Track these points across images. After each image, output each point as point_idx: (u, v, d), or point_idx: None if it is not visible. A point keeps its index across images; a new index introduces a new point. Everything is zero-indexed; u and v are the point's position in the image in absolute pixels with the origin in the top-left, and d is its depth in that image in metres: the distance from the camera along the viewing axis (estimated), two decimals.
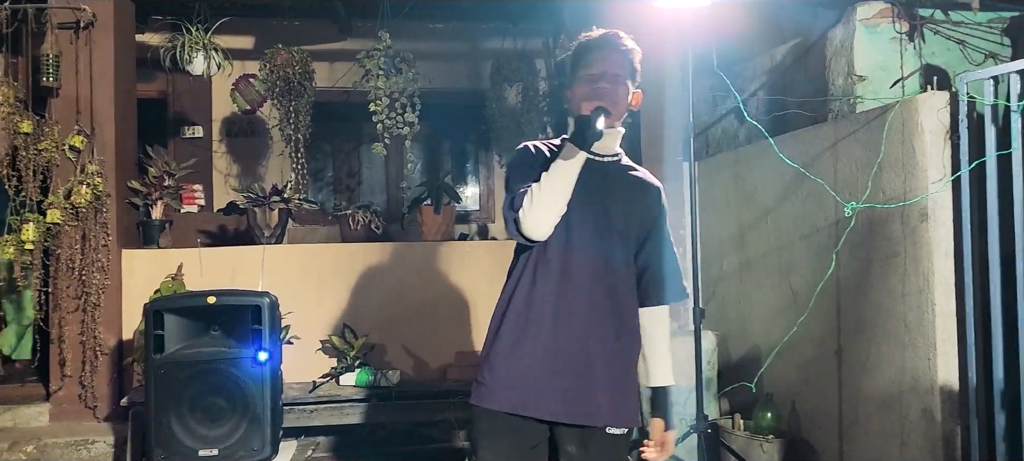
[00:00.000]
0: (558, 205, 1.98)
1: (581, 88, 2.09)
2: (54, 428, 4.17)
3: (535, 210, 1.97)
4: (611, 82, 2.08)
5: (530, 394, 2.03)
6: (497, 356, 2.06)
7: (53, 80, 4.22)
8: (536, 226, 1.97)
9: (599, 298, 2.06)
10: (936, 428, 3.02)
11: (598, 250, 2.07)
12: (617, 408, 2.08)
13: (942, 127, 3.03)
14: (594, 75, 2.09)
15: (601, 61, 2.10)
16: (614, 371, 2.07)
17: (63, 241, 4.16)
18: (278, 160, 6.07)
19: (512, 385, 2.04)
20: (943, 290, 3.01)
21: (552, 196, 1.97)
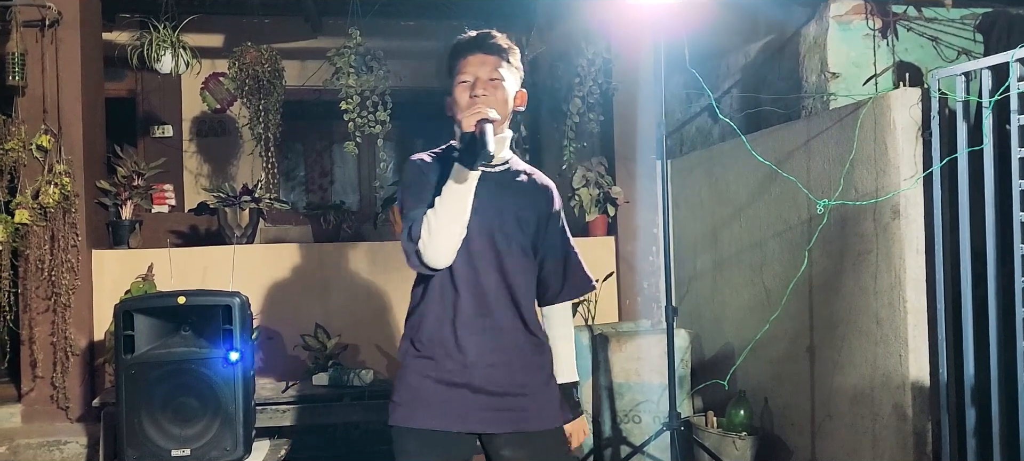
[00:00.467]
0: (456, 230, 1.95)
1: (458, 96, 2.04)
2: (26, 429, 4.13)
3: (434, 240, 1.93)
4: (487, 89, 2.01)
5: (453, 409, 2.01)
6: (414, 375, 2.04)
7: (19, 79, 4.14)
8: (437, 257, 1.94)
9: (503, 308, 2.04)
10: (907, 424, 3.05)
11: (498, 260, 2.04)
12: (541, 409, 2.08)
13: (914, 124, 3.05)
14: (467, 82, 2.03)
15: (474, 66, 2.04)
16: (531, 374, 2.07)
17: (32, 241, 4.12)
18: (249, 159, 6.02)
19: (432, 402, 2.01)
20: (914, 287, 3.04)
21: (450, 223, 1.93)
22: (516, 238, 2.06)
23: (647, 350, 3.90)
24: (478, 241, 2.01)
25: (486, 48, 2.06)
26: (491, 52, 2.05)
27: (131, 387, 3.04)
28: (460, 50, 2.07)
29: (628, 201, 4.69)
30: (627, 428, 3.94)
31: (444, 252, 1.94)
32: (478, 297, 2.03)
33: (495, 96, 2.02)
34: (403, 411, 2.03)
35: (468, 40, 2.08)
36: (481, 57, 2.04)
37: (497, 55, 2.06)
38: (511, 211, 2.06)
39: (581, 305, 4.45)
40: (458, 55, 2.07)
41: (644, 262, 4.69)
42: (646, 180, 4.69)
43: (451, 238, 1.94)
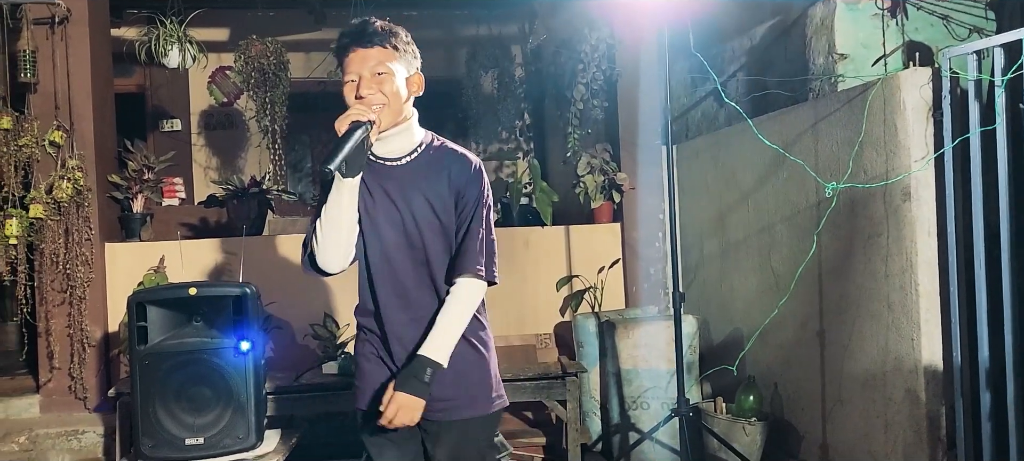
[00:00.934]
0: (342, 238, 1.94)
1: (346, 96, 1.95)
2: (45, 419, 4.22)
3: (321, 251, 1.94)
4: (372, 86, 1.91)
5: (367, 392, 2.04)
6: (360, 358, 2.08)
7: (31, 76, 4.21)
8: (327, 264, 1.96)
9: (424, 300, 2.00)
10: (920, 408, 3.03)
11: (413, 256, 1.99)
12: (473, 401, 2.02)
13: (925, 104, 3.02)
14: (353, 82, 1.93)
15: (356, 63, 1.93)
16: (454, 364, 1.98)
17: (47, 235, 4.19)
18: (256, 152, 6.05)
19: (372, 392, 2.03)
20: (927, 270, 3.01)
21: (333, 232, 1.93)
22: (429, 222, 1.98)
23: (654, 336, 3.90)
24: (390, 234, 1.98)
25: (365, 40, 1.94)
26: (372, 43, 1.93)
27: (145, 377, 3.07)
28: (341, 47, 1.96)
29: (634, 187, 4.68)
30: (635, 414, 3.94)
31: (334, 259, 1.96)
32: (397, 291, 1.99)
33: (384, 90, 1.93)
34: (357, 394, 2.08)
35: (347, 34, 1.96)
36: (362, 53, 1.93)
37: (380, 45, 1.94)
38: (420, 196, 1.98)
39: (587, 292, 4.45)
40: (340, 53, 1.97)
41: (650, 248, 4.68)
42: (651, 166, 4.67)
43: (337, 247, 1.94)
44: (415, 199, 1.98)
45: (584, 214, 4.81)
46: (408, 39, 2.02)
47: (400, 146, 2.01)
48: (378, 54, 1.94)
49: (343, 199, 1.91)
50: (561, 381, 3.74)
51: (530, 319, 4.63)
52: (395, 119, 1.96)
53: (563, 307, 4.65)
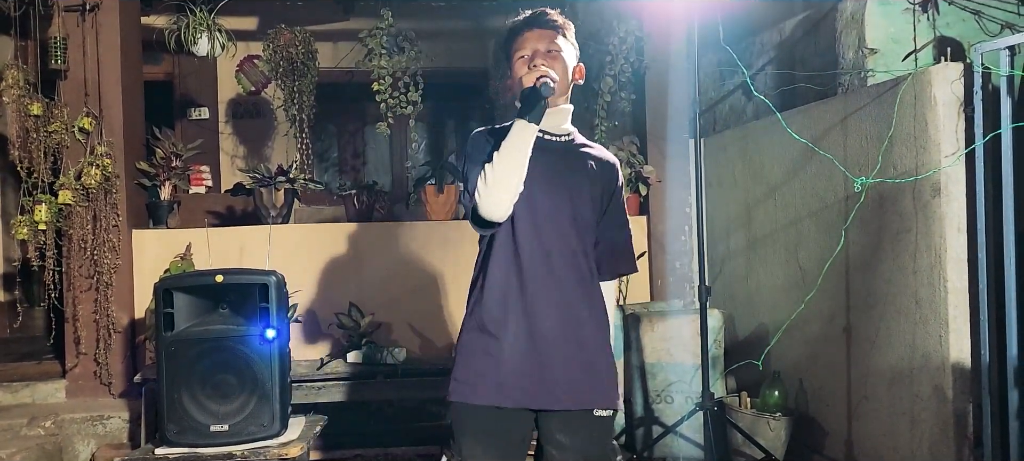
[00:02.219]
0: (514, 182, 1.94)
1: (517, 70, 2.06)
2: (71, 404, 4.26)
3: (490, 191, 1.93)
4: (546, 60, 2.03)
5: (513, 386, 1.98)
6: (474, 350, 2.03)
7: (61, 63, 4.25)
8: (494, 207, 1.94)
9: (570, 282, 2.03)
10: (947, 406, 3.00)
11: (564, 233, 2.03)
12: (600, 388, 2.05)
13: (956, 99, 2.98)
14: (526, 57, 2.05)
15: (532, 42, 2.06)
16: (591, 352, 2.03)
17: (75, 221, 4.23)
18: (283, 141, 6.08)
19: (493, 379, 1.99)
20: (955, 266, 2.98)
21: (506, 173, 1.93)
22: (580, 209, 2.05)
23: (679, 330, 3.88)
24: (544, 211, 2.01)
25: (542, 24, 2.07)
26: (547, 27, 2.07)
27: (171, 363, 3.08)
28: (516, 29, 2.09)
29: (660, 180, 4.65)
30: (659, 408, 3.93)
31: (502, 204, 1.94)
32: (542, 269, 2.00)
33: (555, 66, 2.02)
34: (463, 388, 2.02)
35: (524, 19, 2.09)
36: (538, 32, 2.06)
37: (553, 30, 2.08)
38: (575, 183, 2.06)
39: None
40: (515, 34, 2.09)
41: (676, 242, 4.65)
42: (678, 159, 4.65)
43: (507, 190, 1.93)
44: (573, 177, 2.06)
45: None
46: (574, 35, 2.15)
47: (559, 124, 2.10)
48: (552, 36, 2.07)
49: (524, 141, 1.94)
50: None
51: None
52: (560, 97, 2.07)
53: None
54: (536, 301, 2.00)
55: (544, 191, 2.00)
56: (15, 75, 4.12)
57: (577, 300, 2.03)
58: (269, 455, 3.02)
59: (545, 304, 2.00)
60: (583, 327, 2.04)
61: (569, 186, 2.04)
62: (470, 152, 2.06)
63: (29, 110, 4.14)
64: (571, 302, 2.02)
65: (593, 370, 2.03)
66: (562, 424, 2.02)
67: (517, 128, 1.95)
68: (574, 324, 2.02)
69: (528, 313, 1.99)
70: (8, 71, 4.16)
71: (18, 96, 4.13)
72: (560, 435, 2.02)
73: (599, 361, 2.05)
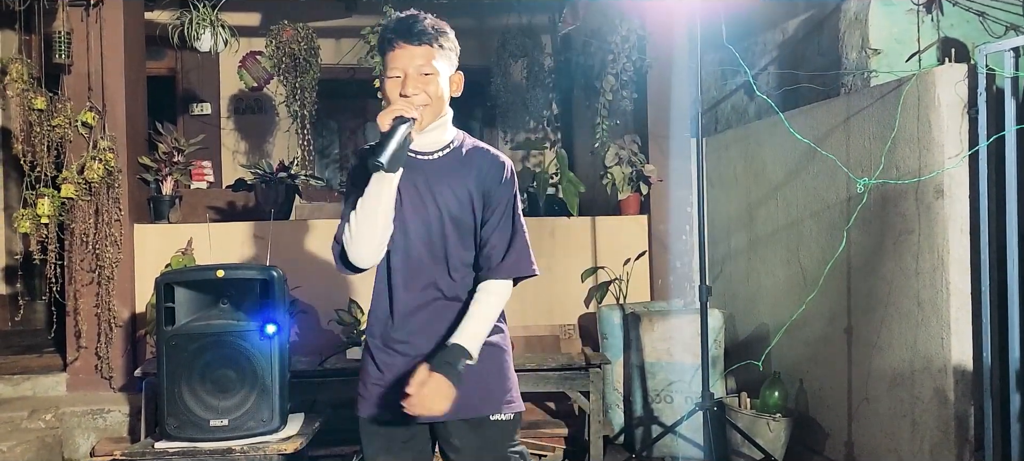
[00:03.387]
0: (377, 234, 1.92)
1: (388, 91, 1.94)
2: (71, 397, 4.28)
3: (355, 243, 1.92)
4: (418, 85, 1.91)
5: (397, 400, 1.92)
6: (368, 368, 2.07)
7: (65, 57, 4.26)
8: (361, 259, 1.94)
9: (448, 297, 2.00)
10: (949, 408, 2.99)
11: (438, 250, 1.99)
12: (489, 396, 2.01)
13: (960, 101, 2.97)
14: (398, 77, 1.92)
15: (403, 59, 1.91)
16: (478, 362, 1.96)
17: (77, 215, 4.25)
18: (285, 137, 6.09)
19: (382, 398, 2.01)
20: (958, 268, 2.97)
21: (369, 228, 1.90)
22: (453, 217, 1.99)
23: (679, 330, 3.88)
24: (415, 227, 1.98)
25: (413, 37, 1.91)
26: (420, 41, 1.91)
27: (171, 358, 3.08)
28: (388, 39, 1.94)
29: (661, 179, 4.65)
30: (659, 408, 3.92)
31: (367, 256, 1.94)
32: (419, 287, 1.99)
33: (428, 91, 1.92)
34: (361, 403, 2.07)
35: (394, 29, 1.93)
36: (409, 50, 1.91)
37: (428, 44, 1.92)
38: (448, 190, 1.98)
39: (613, 284, 4.43)
40: (385, 46, 1.94)
41: (677, 241, 4.65)
42: (680, 158, 4.64)
43: (372, 241, 1.92)
44: (443, 193, 1.98)
45: (611, 205, 4.79)
46: (453, 37, 2.01)
47: (434, 141, 2.01)
48: (425, 53, 1.92)
49: (383, 193, 1.89)
50: (584, 372, 3.74)
51: (554, 310, 4.63)
52: (435, 117, 1.97)
53: (588, 298, 4.64)
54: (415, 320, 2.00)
55: (415, 213, 1.97)
56: (19, 69, 4.15)
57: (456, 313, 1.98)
58: (268, 450, 3.02)
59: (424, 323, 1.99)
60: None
61: (440, 203, 1.98)
62: (346, 185, 2.03)
63: (33, 104, 4.16)
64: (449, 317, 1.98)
65: (478, 380, 1.96)
66: (454, 430, 2.02)
67: (375, 183, 1.89)
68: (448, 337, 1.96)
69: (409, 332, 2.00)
70: (12, 65, 4.17)
71: (22, 90, 4.16)
72: (454, 440, 2.03)
73: (484, 370, 1.98)
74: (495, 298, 1.99)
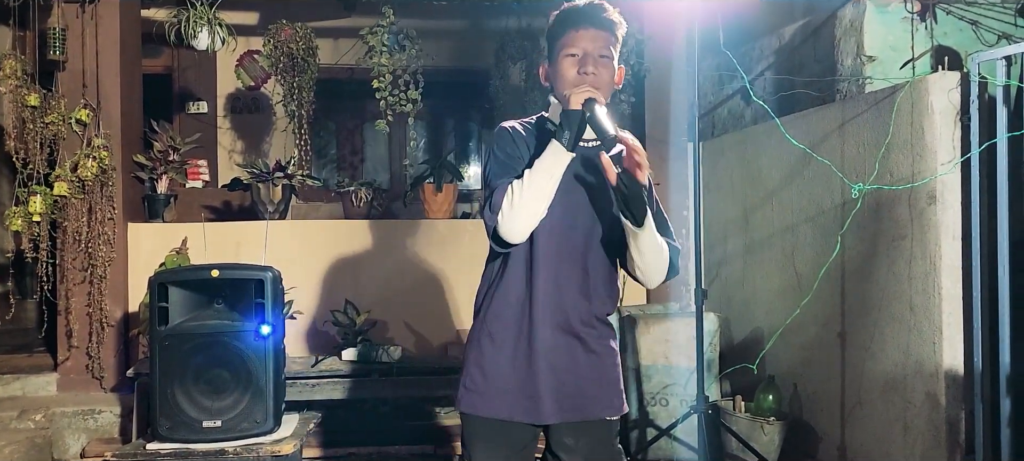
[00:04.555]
0: (540, 209, 1.86)
1: (564, 69, 1.93)
2: (62, 397, 4.24)
3: (515, 215, 1.83)
4: (597, 67, 1.91)
5: (524, 399, 1.95)
6: (486, 360, 1.98)
7: (60, 54, 4.24)
8: (514, 232, 1.85)
9: (581, 291, 1.97)
10: (940, 412, 3.01)
11: (580, 241, 1.96)
12: (606, 396, 2.02)
13: (953, 108, 2.99)
14: (576, 56, 1.92)
15: (585, 40, 1.92)
16: (599, 360, 2.00)
17: (70, 214, 4.21)
18: (282, 136, 6.08)
19: (504, 391, 1.96)
20: (950, 273, 2.99)
21: (534, 201, 1.84)
22: (602, 213, 1.97)
23: (675, 333, 3.89)
24: (562, 220, 1.93)
25: (600, 22, 1.93)
26: (604, 27, 1.93)
27: (165, 358, 3.07)
28: (572, 19, 1.94)
29: (658, 183, 4.62)
30: (654, 411, 3.93)
31: (522, 228, 1.85)
32: (556, 278, 1.95)
33: (602, 76, 1.92)
34: (474, 399, 1.99)
35: (581, 10, 1.94)
36: (594, 32, 1.92)
37: (609, 31, 1.94)
38: (600, 188, 1.95)
39: None
40: (569, 24, 1.94)
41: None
42: (677, 162, 4.65)
43: (532, 216, 1.85)
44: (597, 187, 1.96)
45: None
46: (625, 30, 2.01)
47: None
48: (606, 38, 1.93)
49: (557, 168, 1.84)
50: None
51: None
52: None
53: None
54: (547, 313, 1.95)
55: (562, 200, 1.90)
56: (13, 65, 4.11)
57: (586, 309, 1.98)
58: (262, 452, 3.01)
59: (555, 315, 1.95)
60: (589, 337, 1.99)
61: (591, 193, 1.96)
62: (497, 154, 1.95)
63: (26, 101, 4.12)
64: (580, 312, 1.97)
65: (598, 379, 2.00)
66: (569, 430, 2.00)
67: (552, 153, 1.84)
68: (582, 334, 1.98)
69: (540, 325, 1.94)
70: (6, 61, 4.14)
71: (15, 86, 4.12)
72: (567, 439, 2.00)
73: (604, 368, 2.01)
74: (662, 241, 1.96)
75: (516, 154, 1.94)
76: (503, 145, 1.97)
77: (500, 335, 1.98)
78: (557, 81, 1.96)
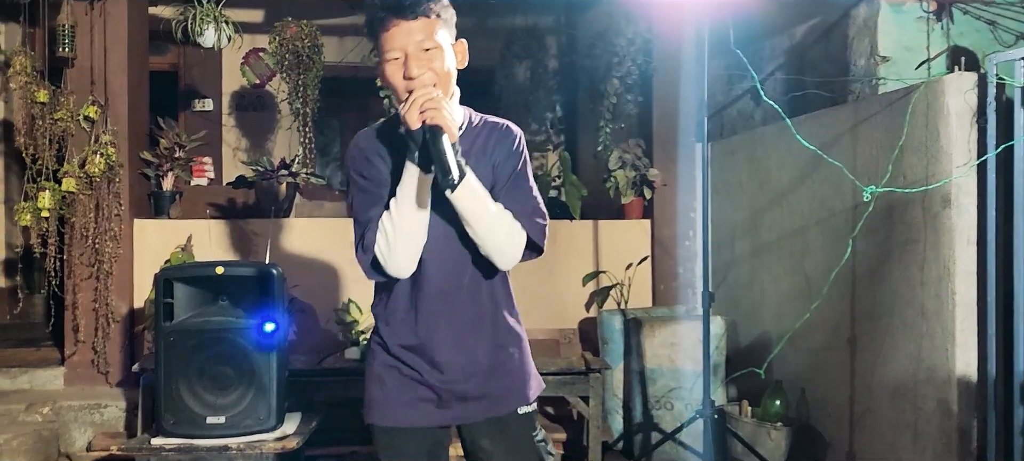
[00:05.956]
0: (419, 234, 1.75)
1: (390, 75, 1.75)
2: (68, 391, 4.26)
3: (395, 253, 1.73)
4: (421, 63, 1.71)
5: (428, 406, 1.86)
6: (382, 369, 1.89)
7: (69, 51, 4.25)
8: (400, 267, 1.76)
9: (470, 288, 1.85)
10: (952, 420, 2.96)
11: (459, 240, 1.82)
12: (515, 388, 1.91)
13: (969, 110, 2.95)
14: (397, 59, 1.73)
15: (400, 36, 1.71)
16: (500, 354, 1.89)
17: (77, 210, 4.23)
18: (286, 134, 6.08)
19: (405, 400, 1.87)
20: (964, 278, 2.95)
21: (410, 230, 1.73)
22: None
23: (682, 336, 3.86)
24: (436, 224, 1.81)
25: (408, 11, 1.71)
26: (415, 14, 1.71)
27: (170, 354, 3.08)
28: (378, 21, 1.73)
29: (666, 184, 4.62)
30: (659, 414, 3.90)
31: (406, 262, 1.76)
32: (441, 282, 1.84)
33: (434, 67, 1.73)
34: (375, 409, 1.89)
35: (383, 5, 1.72)
36: (405, 26, 1.71)
37: (424, 16, 1.72)
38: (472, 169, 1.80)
39: (614, 288, 4.41)
40: (377, 27, 1.74)
41: (680, 246, 4.62)
42: (684, 163, 4.62)
43: (414, 245, 1.76)
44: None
45: (613, 209, 4.77)
46: (448, 2, 1.80)
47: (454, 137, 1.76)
48: (423, 26, 1.72)
49: (422, 192, 1.73)
50: (584, 377, 3.71)
51: (555, 313, 4.60)
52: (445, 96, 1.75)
53: (589, 302, 4.61)
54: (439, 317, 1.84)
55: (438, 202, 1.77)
56: (22, 62, 4.14)
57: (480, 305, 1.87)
58: (265, 448, 3.01)
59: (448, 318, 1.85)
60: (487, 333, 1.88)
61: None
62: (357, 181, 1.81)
63: (35, 97, 4.15)
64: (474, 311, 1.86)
65: (501, 372, 1.89)
66: (483, 431, 1.91)
67: (409, 176, 1.71)
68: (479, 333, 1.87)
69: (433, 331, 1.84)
70: (16, 58, 4.16)
71: (25, 83, 4.15)
72: (483, 441, 1.91)
73: (506, 361, 1.90)
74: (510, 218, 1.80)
75: (375, 175, 1.80)
76: (358, 169, 1.83)
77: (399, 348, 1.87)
78: (390, 86, 1.77)
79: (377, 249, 1.75)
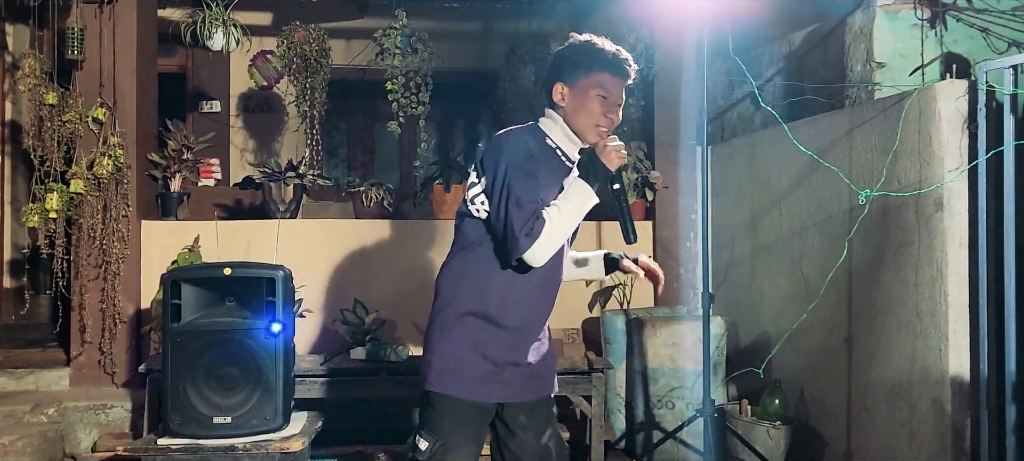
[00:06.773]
0: (563, 241, 2.12)
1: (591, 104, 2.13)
2: (74, 392, 4.27)
3: (549, 248, 2.06)
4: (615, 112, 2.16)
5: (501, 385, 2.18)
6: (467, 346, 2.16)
7: (77, 53, 4.28)
8: (542, 260, 2.08)
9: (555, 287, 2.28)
10: (945, 419, 3.01)
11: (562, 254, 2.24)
12: (553, 375, 2.37)
13: (960, 116, 3.00)
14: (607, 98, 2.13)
15: (615, 85, 2.14)
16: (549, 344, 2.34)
17: (85, 211, 4.25)
18: (293, 136, 6.13)
19: (483, 377, 2.15)
20: (956, 280, 2.99)
21: (563, 235, 2.09)
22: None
23: (682, 336, 3.91)
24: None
25: (627, 74, 2.17)
26: (628, 78, 2.18)
27: (177, 354, 3.11)
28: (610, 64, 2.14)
29: (667, 186, 4.67)
30: (660, 413, 3.95)
31: (547, 257, 2.09)
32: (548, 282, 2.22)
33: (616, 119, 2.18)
34: (449, 381, 2.15)
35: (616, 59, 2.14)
36: (620, 81, 2.15)
37: (626, 79, 2.18)
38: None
39: (616, 289, 4.46)
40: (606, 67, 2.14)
41: (681, 248, 4.67)
42: (685, 166, 4.67)
43: (558, 247, 2.10)
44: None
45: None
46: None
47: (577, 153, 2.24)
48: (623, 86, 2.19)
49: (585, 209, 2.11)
50: (587, 377, 3.76)
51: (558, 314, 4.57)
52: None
53: (591, 303, 4.65)
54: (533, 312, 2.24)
55: None
56: (31, 64, 4.17)
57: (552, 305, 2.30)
58: (271, 448, 3.05)
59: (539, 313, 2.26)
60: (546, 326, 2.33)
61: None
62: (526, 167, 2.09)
63: (44, 99, 4.18)
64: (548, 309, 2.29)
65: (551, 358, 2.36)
66: (523, 408, 2.25)
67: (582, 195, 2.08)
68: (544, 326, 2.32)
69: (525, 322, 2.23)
70: (25, 60, 4.21)
71: (34, 85, 4.18)
72: (521, 416, 2.25)
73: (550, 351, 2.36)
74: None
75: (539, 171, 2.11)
76: (526, 160, 2.11)
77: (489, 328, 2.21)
78: (578, 111, 2.15)
79: (538, 241, 2.03)
